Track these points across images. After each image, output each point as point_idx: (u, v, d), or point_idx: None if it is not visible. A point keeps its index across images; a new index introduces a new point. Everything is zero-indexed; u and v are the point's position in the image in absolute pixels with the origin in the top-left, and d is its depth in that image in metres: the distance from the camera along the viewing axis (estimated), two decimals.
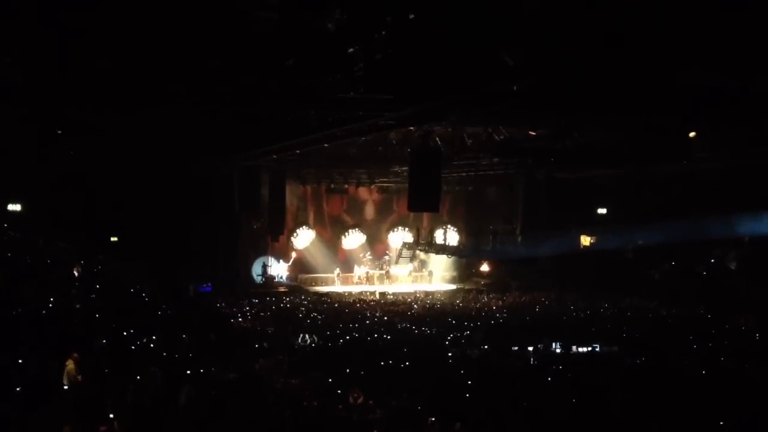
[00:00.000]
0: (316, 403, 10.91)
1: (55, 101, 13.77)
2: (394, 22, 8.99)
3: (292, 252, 32.99)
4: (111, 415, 9.31)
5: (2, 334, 11.65)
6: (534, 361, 15.47)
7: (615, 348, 16.50)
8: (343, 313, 22.06)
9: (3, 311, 13.14)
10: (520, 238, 27.78)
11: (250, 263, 31.51)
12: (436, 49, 9.51)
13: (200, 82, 12.15)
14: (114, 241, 26.46)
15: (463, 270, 34.58)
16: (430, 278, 34.29)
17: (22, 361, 10.73)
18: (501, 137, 19.00)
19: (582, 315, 22.60)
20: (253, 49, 10.58)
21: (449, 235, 33.75)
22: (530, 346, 16.19)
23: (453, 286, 32.92)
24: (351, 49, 10.03)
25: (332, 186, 31.70)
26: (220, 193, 27.03)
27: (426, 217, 33.42)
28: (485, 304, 25.86)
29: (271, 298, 26.47)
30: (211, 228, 27.59)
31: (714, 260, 25.71)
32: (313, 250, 33.63)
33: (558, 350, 16.32)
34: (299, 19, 9.37)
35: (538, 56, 9.10)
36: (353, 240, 34.66)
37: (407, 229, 34.55)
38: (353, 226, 34.64)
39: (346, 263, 34.11)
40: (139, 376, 10.87)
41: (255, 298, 25.90)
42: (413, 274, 34.43)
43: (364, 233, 34.72)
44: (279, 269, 32.45)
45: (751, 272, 23.89)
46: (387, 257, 34.57)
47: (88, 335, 12.62)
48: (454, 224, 35.45)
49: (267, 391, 11.73)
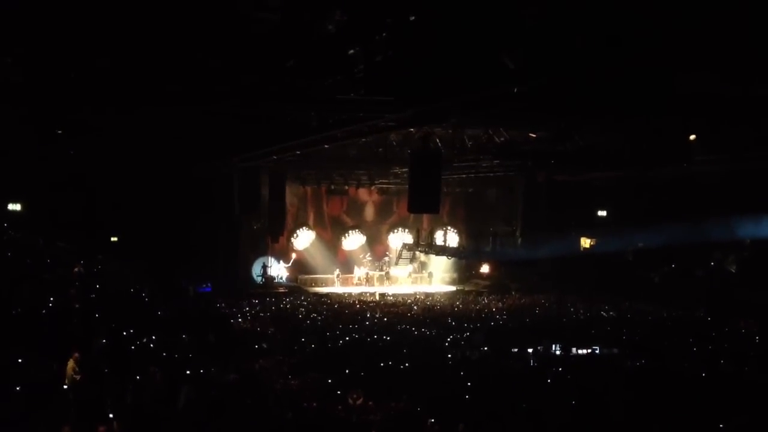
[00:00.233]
0: (315, 404, 10.89)
1: (55, 101, 13.76)
2: (395, 23, 8.98)
3: (291, 253, 33.00)
4: (110, 415, 9.28)
5: (1, 333, 11.65)
6: (534, 363, 15.47)
7: (615, 350, 16.52)
8: (342, 314, 22.04)
9: (2, 311, 13.14)
10: (520, 240, 27.76)
11: (250, 264, 31.51)
12: (436, 51, 9.50)
13: (200, 82, 12.13)
14: (114, 241, 26.51)
15: (463, 271, 34.60)
16: (429, 280, 34.27)
17: (21, 360, 10.72)
18: (501, 139, 19.02)
19: (582, 317, 22.59)
20: (253, 49, 10.56)
21: (449, 237, 33.79)
22: (530, 347, 16.21)
23: (453, 288, 32.94)
24: (351, 51, 10.01)
25: (332, 187, 31.73)
26: (220, 193, 27.00)
27: (426, 218, 33.43)
28: (485, 305, 25.85)
29: (270, 299, 26.46)
30: (210, 228, 27.64)
31: (714, 263, 25.68)
32: (312, 251, 33.65)
33: (558, 352, 16.33)
34: (299, 20, 9.35)
35: (538, 58, 9.08)
36: (353, 241, 34.67)
37: (407, 230, 34.56)
38: (353, 227, 34.66)
39: (346, 264, 34.11)
40: (138, 377, 10.83)
41: (255, 299, 25.89)
42: (413, 275, 34.42)
43: (364, 234, 34.74)
44: (279, 270, 32.47)
45: (750, 275, 23.88)
46: (387, 258, 34.56)
47: (88, 335, 12.61)
48: (454, 226, 35.48)
49: (266, 392, 11.70)
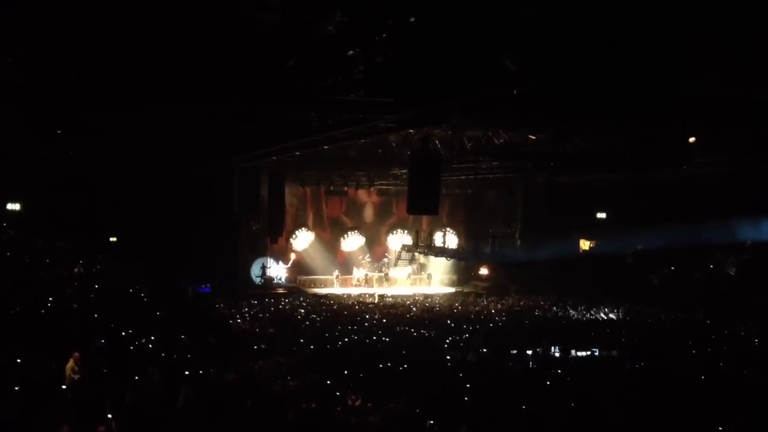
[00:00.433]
0: (314, 405, 10.88)
1: (55, 101, 13.77)
2: (395, 25, 9.00)
3: (291, 253, 32.99)
4: (109, 415, 9.26)
5: (1, 333, 11.64)
6: (533, 365, 15.44)
7: (614, 352, 16.50)
8: (341, 315, 22.03)
9: (2, 311, 13.13)
10: (519, 241, 27.69)
11: (249, 264, 31.49)
12: (436, 53, 9.51)
13: (200, 82, 12.15)
14: (113, 241, 26.49)
15: (462, 273, 34.57)
16: (429, 281, 34.27)
17: (20, 360, 10.71)
18: (501, 141, 18.99)
19: (582, 319, 22.58)
20: (253, 50, 10.58)
21: (448, 238, 33.80)
22: (529, 349, 16.19)
23: (452, 289, 32.91)
24: (351, 52, 10.03)
25: (332, 188, 31.73)
26: (219, 194, 26.96)
27: (425, 219, 33.39)
28: (484, 307, 25.82)
29: (269, 300, 26.45)
30: (210, 229, 27.60)
31: (713, 266, 25.67)
32: (312, 252, 33.65)
33: (557, 354, 16.32)
34: (300, 21, 9.37)
35: (538, 60, 9.10)
36: (352, 242, 34.67)
37: (406, 231, 34.57)
38: (352, 228, 34.66)
39: (345, 265, 34.11)
40: (137, 377, 10.82)
41: (254, 300, 25.88)
42: (412, 276, 34.41)
43: (363, 235, 34.75)
44: (278, 271, 32.47)
45: (750, 278, 23.86)
46: (386, 260, 34.56)
47: (87, 335, 12.59)
48: (454, 227, 35.48)
49: (265, 393, 11.70)
